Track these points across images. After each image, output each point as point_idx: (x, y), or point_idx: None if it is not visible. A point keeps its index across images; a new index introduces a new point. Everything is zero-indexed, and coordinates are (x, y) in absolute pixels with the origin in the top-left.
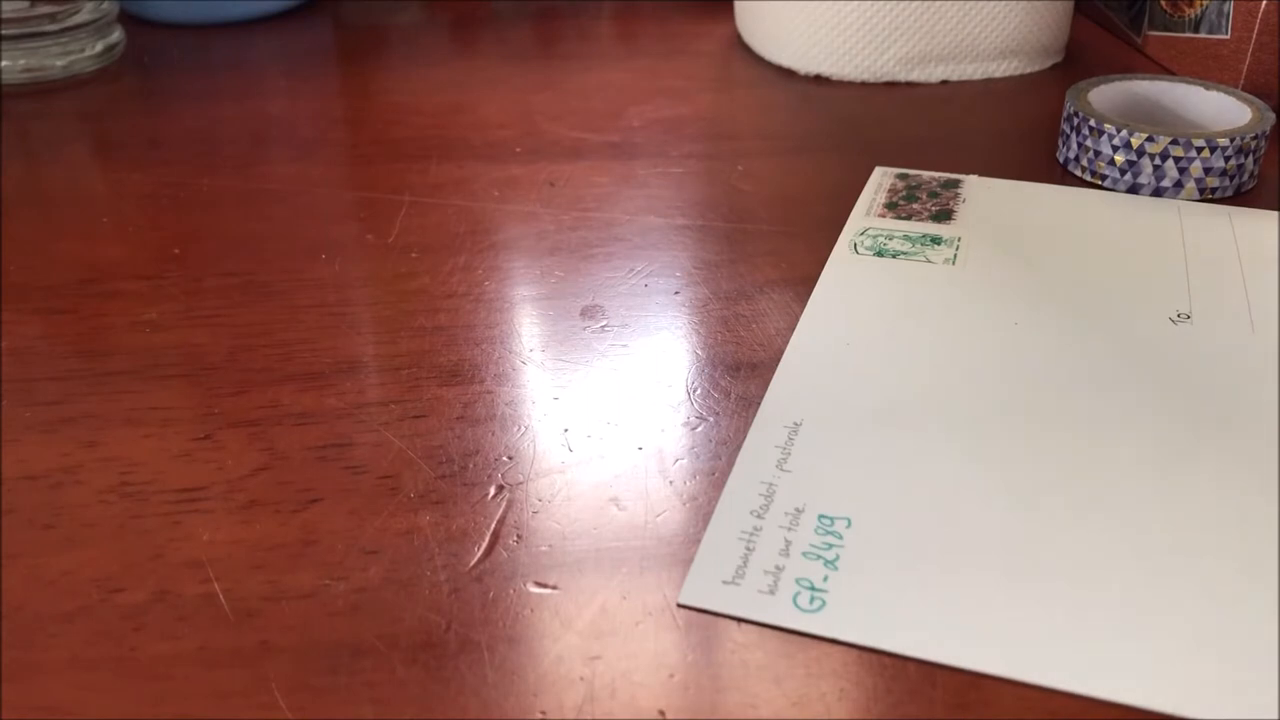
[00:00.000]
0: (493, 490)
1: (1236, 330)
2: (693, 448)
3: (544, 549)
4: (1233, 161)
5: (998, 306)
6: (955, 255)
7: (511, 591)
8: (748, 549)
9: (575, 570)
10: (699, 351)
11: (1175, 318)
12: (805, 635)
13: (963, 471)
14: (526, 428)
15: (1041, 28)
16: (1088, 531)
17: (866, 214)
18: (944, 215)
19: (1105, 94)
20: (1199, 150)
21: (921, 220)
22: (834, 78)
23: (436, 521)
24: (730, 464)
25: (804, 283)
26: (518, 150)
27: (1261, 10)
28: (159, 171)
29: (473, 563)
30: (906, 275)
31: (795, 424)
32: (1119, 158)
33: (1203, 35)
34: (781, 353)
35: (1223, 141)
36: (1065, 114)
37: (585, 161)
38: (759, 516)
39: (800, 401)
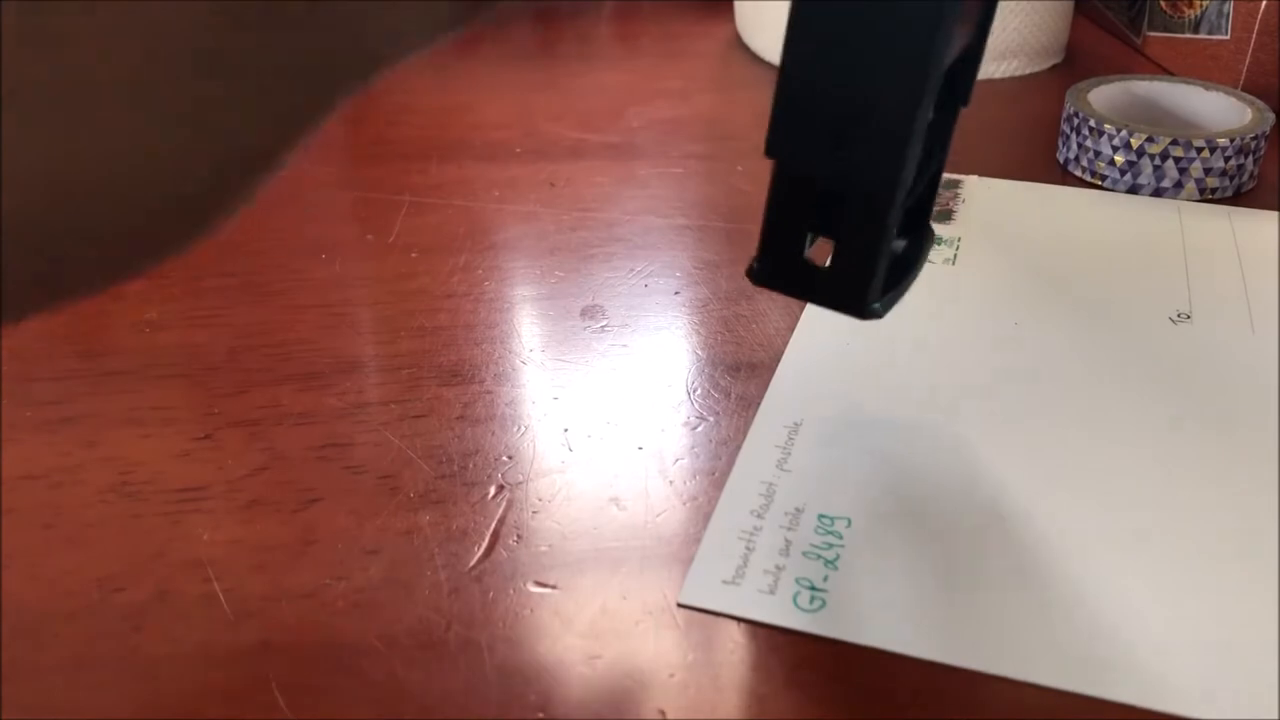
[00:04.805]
0: (493, 490)
1: (1236, 330)
2: (693, 448)
3: (544, 549)
4: (1232, 162)
5: (998, 306)
6: (955, 255)
7: (511, 591)
8: (748, 549)
9: (575, 570)
10: (699, 351)
11: (1175, 317)
12: (805, 635)
13: (962, 471)
14: (526, 428)
15: (1041, 28)
16: (1087, 531)
17: None
18: (944, 215)
19: (1105, 94)
20: (1199, 151)
21: None
22: None
23: (436, 521)
24: (730, 464)
25: None
26: (518, 150)
27: (1261, 11)
28: None
29: (473, 562)
30: None
31: (795, 424)
32: (1119, 158)
33: (1202, 36)
34: (781, 353)
35: (1223, 142)
36: (1065, 114)
37: (585, 162)
38: (759, 516)
39: (800, 401)
